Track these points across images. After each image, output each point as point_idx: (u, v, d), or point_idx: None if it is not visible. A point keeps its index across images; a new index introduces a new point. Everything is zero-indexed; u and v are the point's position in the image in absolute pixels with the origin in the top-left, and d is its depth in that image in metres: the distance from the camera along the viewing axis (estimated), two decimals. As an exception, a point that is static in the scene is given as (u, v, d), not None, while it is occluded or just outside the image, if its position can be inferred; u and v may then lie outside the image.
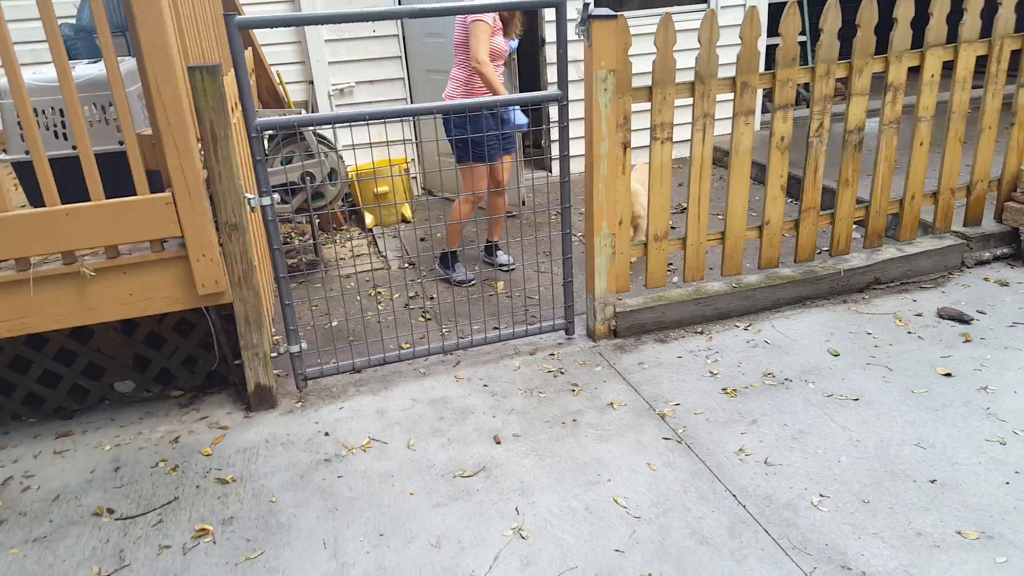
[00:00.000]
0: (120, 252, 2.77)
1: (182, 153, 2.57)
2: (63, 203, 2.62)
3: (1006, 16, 3.72)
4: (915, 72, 3.73)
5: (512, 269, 4.50)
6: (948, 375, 3.09)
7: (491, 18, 3.83)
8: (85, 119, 2.68)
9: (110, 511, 2.62)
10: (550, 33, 5.84)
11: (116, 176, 2.73)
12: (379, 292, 4.29)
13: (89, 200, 2.63)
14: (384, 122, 2.89)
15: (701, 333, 3.58)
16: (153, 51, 2.42)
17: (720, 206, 4.90)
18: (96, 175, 2.61)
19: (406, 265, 4.68)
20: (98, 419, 3.18)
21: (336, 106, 5.48)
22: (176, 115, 2.51)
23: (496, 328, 3.73)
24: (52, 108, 2.92)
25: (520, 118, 4.11)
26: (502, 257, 4.56)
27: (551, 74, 5.98)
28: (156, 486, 2.73)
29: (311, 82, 5.43)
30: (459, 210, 4.18)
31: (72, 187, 2.65)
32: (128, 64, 2.93)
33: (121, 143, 2.60)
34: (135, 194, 2.67)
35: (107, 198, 2.65)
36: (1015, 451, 2.62)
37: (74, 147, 2.57)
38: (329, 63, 5.40)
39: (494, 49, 3.90)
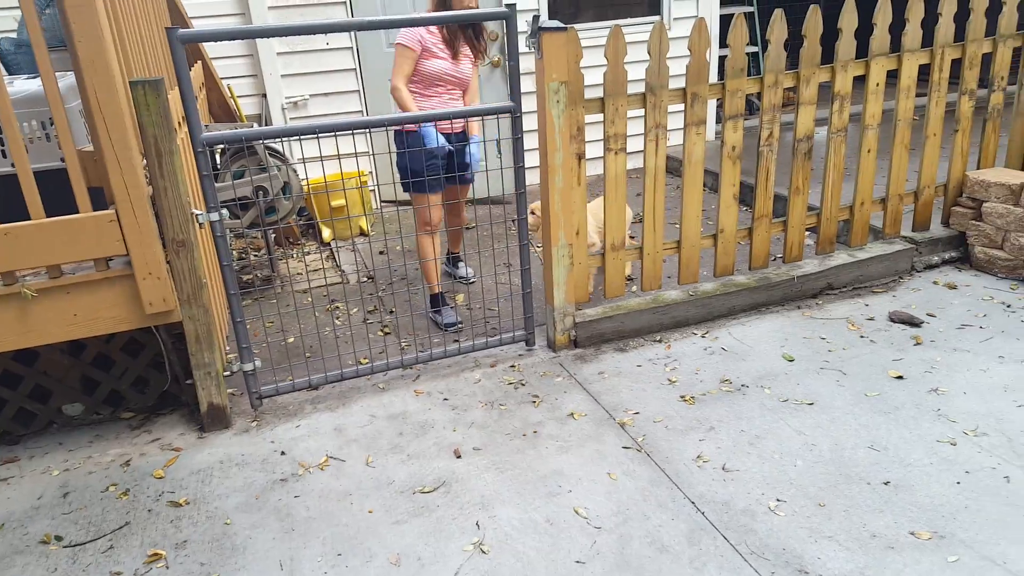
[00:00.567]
0: (63, 272, 2.69)
1: (125, 169, 2.51)
2: (3, 222, 2.53)
3: (946, 26, 3.84)
4: (861, 81, 3.82)
5: (472, 282, 4.45)
6: (900, 378, 3.15)
7: (415, 40, 3.58)
8: (24, 135, 2.61)
9: (58, 538, 2.53)
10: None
11: (61, 194, 2.66)
12: (337, 307, 4.24)
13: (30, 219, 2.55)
14: (335, 135, 2.86)
15: (660, 341, 3.61)
16: (91, 66, 2.36)
17: (676, 215, 4.96)
18: (35, 193, 2.54)
19: (364, 279, 4.64)
20: (46, 443, 3.08)
21: (290, 119, 5.42)
22: (118, 130, 2.45)
23: (456, 341, 3.71)
24: (-10, 125, 2.83)
25: (475, 156, 3.92)
26: (463, 270, 4.50)
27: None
28: (107, 511, 2.65)
29: (264, 95, 5.37)
30: (420, 247, 3.93)
31: (17, 205, 2.57)
32: (70, 79, 2.86)
33: (63, 159, 2.53)
34: (78, 212, 2.60)
35: (52, 216, 2.58)
36: (965, 451, 2.67)
37: (12, 164, 2.49)
38: (282, 76, 5.35)
39: (433, 73, 3.66)
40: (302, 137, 2.88)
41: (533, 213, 3.86)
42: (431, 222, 3.84)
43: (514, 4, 3.04)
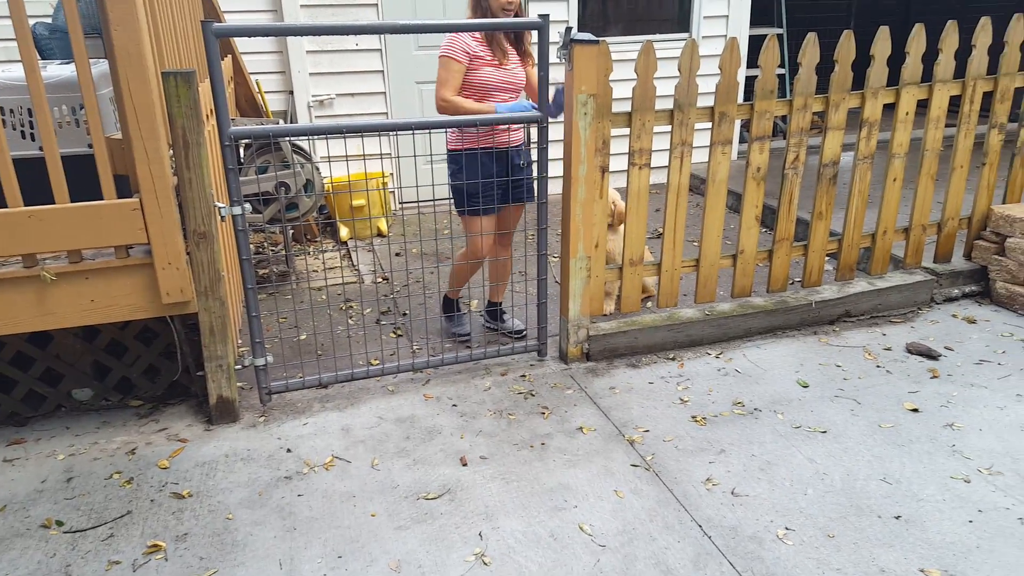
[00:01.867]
0: (83, 257, 2.70)
1: (152, 159, 2.52)
2: (30, 205, 2.55)
3: (979, 58, 3.80)
4: (890, 109, 3.78)
5: (524, 335, 3.86)
6: (915, 410, 3.11)
7: (461, 51, 3.30)
8: (54, 120, 2.62)
9: (59, 523, 2.53)
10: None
11: (87, 180, 2.67)
12: (351, 306, 4.24)
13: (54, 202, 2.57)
14: (361, 135, 2.86)
15: (673, 359, 3.58)
16: (126, 54, 2.38)
17: (695, 233, 4.93)
18: (61, 177, 2.55)
19: (379, 280, 4.64)
20: (53, 427, 3.08)
21: (315, 117, 5.44)
22: (147, 120, 2.46)
23: (468, 347, 3.69)
24: (20, 107, 2.86)
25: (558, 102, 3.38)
26: (510, 323, 3.91)
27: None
28: (109, 499, 2.65)
29: (291, 92, 5.39)
30: (460, 265, 3.70)
31: (43, 188, 2.58)
32: (102, 66, 2.88)
33: (90, 146, 2.54)
34: (102, 198, 2.61)
35: (76, 201, 2.59)
36: (979, 490, 2.63)
37: (41, 148, 2.51)
38: (310, 74, 5.37)
39: (486, 83, 3.38)
40: (328, 137, 2.87)
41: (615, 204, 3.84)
42: (480, 252, 3.59)
43: (547, 15, 3.05)
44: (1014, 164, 4.14)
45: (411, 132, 2.91)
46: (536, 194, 3.38)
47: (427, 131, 3.00)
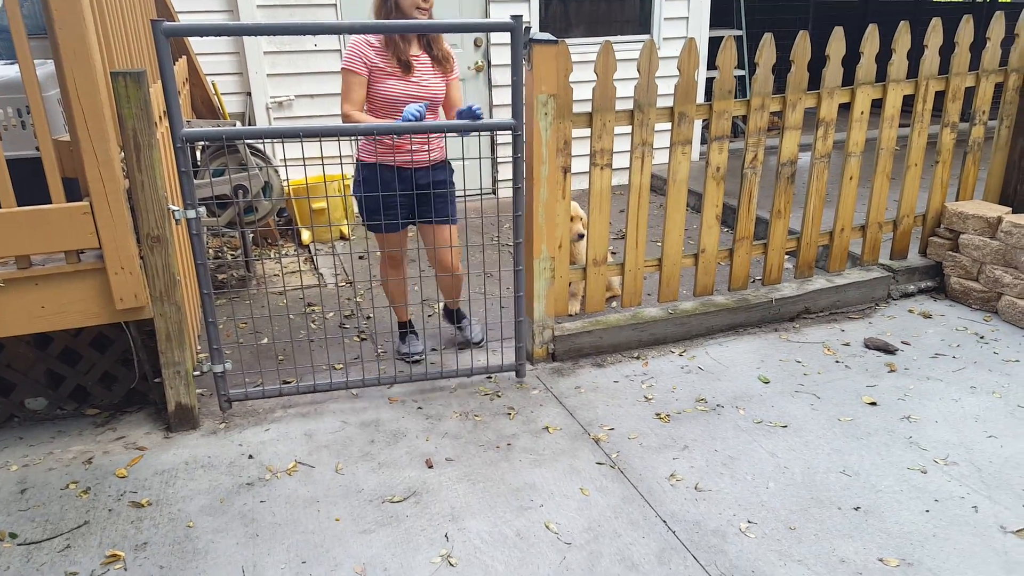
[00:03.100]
0: (32, 263, 2.63)
1: (101, 161, 2.46)
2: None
3: (931, 59, 3.89)
4: (846, 109, 3.86)
5: (481, 345, 3.72)
6: (873, 404, 3.16)
7: (359, 62, 3.05)
8: None
9: (12, 536, 2.45)
10: (497, 55, 5.86)
11: (35, 184, 2.60)
12: (313, 310, 4.19)
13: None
14: (319, 140, 2.83)
15: (637, 358, 3.60)
16: (71, 54, 2.32)
17: (658, 233, 4.97)
18: (7, 181, 2.48)
19: (343, 284, 4.59)
20: (5, 438, 2.99)
21: (274, 119, 5.38)
22: (96, 121, 2.41)
23: (434, 349, 3.67)
24: (-35, 109, 2.78)
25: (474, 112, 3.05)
26: (468, 330, 3.71)
27: (496, 96, 5.99)
28: (65, 509, 2.58)
29: (249, 94, 5.32)
30: (382, 281, 3.56)
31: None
32: (48, 67, 2.81)
33: (38, 148, 2.48)
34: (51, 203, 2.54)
35: (24, 206, 2.52)
36: (935, 480, 2.68)
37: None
38: (268, 75, 5.31)
39: (388, 96, 3.11)
40: (285, 140, 2.82)
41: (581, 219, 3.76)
42: (385, 269, 3.49)
43: (520, 16, 2.88)
44: (966, 162, 4.25)
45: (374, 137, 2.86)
46: (514, 206, 3.18)
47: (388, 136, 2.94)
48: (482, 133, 3.00)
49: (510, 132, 3.03)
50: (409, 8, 3.04)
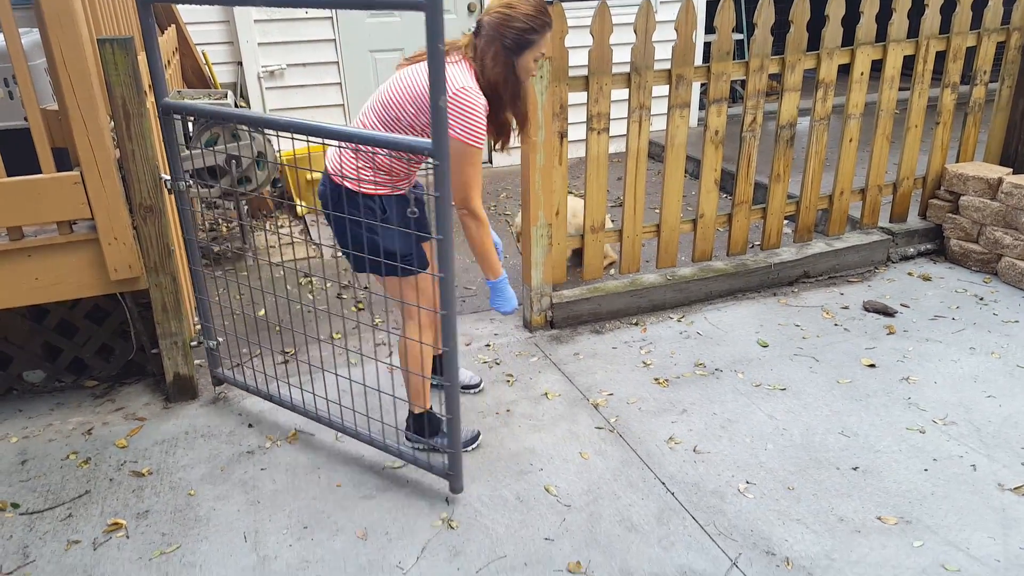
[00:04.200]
0: (24, 234, 2.60)
1: (91, 130, 2.42)
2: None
3: (932, 17, 3.83)
4: (845, 71, 3.81)
5: (480, 391, 3.09)
6: (872, 366, 3.16)
7: (484, 136, 2.27)
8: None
9: (15, 506, 2.47)
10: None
11: (26, 155, 2.57)
12: (310, 281, 4.17)
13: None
14: (307, 137, 2.72)
15: (636, 324, 3.59)
16: (56, 21, 2.27)
17: (656, 200, 4.94)
18: (-4, 151, 2.45)
19: (339, 254, 4.56)
20: (5, 410, 3.00)
21: (266, 88, 5.31)
22: (84, 90, 2.37)
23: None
24: (-48, 79, 2.74)
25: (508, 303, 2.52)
26: (465, 374, 3.07)
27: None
28: (66, 479, 2.59)
29: (240, 64, 5.25)
30: (417, 353, 2.50)
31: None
32: (34, 36, 2.76)
33: (26, 119, 2.44)
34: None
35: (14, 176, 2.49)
36: (933, 440, 2.69)
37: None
38: (259, 44, 5.23)
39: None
40: (267, 132, 2.55)
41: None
42: (433, 317, 2.47)
43: None
44: (967, 124, 4.21)
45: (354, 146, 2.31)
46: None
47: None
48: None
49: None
50: (525, 75, 2.39)
